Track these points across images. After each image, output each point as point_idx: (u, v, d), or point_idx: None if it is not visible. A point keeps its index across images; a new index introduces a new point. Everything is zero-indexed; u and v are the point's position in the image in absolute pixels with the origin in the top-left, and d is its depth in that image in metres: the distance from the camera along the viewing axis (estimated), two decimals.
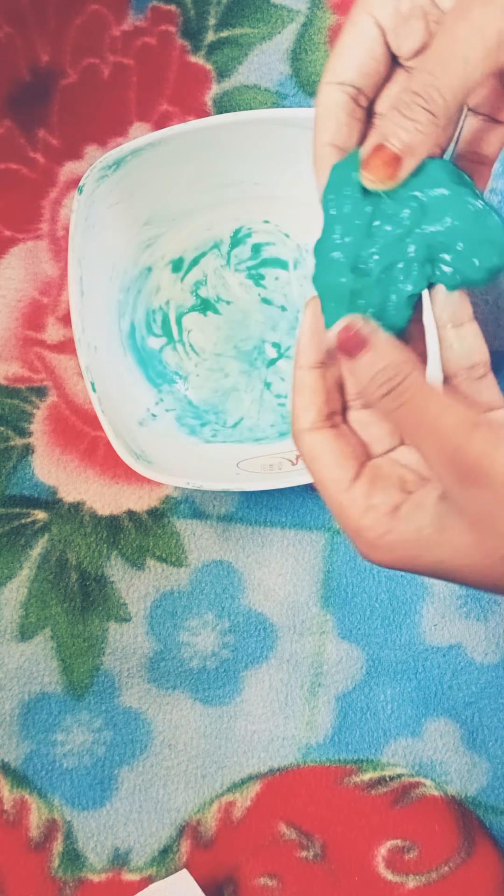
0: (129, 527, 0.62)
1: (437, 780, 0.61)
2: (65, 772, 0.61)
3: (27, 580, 0.61)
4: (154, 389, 0.62)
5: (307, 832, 0.60)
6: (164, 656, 0.61)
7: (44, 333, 0.63)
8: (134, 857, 0.60)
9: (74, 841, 0.60)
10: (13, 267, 0.63)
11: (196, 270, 0.63)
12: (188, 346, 0.63)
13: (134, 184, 0.58)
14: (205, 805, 0.60)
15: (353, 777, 0.60)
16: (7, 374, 0.63)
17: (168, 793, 0.61)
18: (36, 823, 0.60)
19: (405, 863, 0.59)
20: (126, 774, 0.61)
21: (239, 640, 0.61)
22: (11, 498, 0.62)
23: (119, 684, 0.61)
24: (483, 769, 0.61)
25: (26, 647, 0.61)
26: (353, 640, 0.62)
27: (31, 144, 0.64)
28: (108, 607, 0.61)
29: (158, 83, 0.64)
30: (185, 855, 0.60)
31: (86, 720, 0.61)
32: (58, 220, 0.64)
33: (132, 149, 0.56)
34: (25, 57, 0.64)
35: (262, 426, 0.62)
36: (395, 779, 0.60)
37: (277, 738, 0.61)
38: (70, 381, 0.63)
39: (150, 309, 0.63)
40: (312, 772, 0.61)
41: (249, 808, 0.60)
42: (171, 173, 0.59)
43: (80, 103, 0.64)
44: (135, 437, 0.57)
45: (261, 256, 0.63)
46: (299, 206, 0.61)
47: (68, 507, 0.62)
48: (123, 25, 0.65)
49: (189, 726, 0.61)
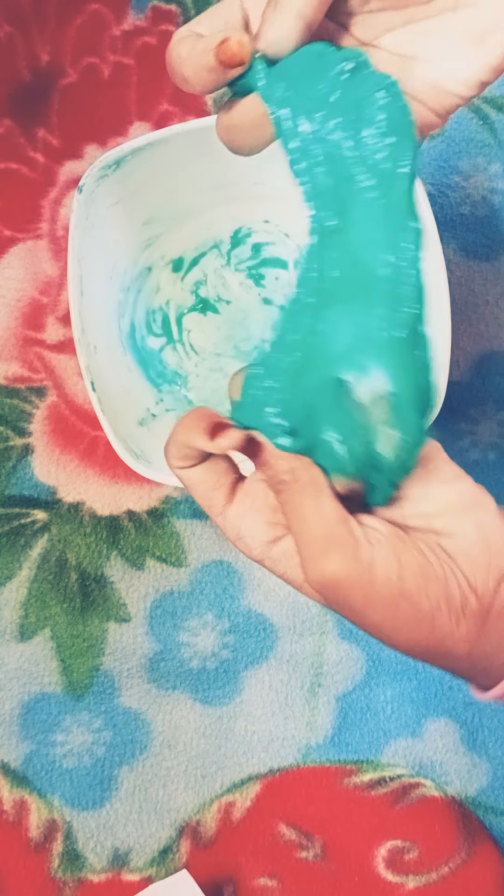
0: (128, 527, 0.62)
1: (437, 780, 0.61)
2: (64, 772, 0.61)
3: (27, 580, 0.61)
4: (154, 389, 0.62)
5: (307, 832, 0.60)
6: (164, 656, 0.61)
7: (43, 333, 0.63)
8: (134, 858, 0.60)
9: (74, 841, 0.60)
10: (13, 267, 0.63)
11: (196, 270, 0.63)
12: (188, 346, 0.63)
13: (134, 183, 0.58)
14: (204, 805, 0.60)
15: (353, 777, 0.60)
16: (7, 374, 0.63)
17: (168, 793, 0.61)
18: (36, 824, 0.60)
19: (405, 863, 0.59)
20: (126, 775, 0.61)
21: (239, 641, 0.61)
22: (11, 498, 0.62)
23: (119, 684, 0.61)
24: (483, 769, 0.61)
25: (26, 648, 0.61)
26: (353, 640, 0.62)
27: (31, 144, 0.64)
28: (107, 607, 0.61)
29: (158, 83, 0.64)
30: (184, 855, 0.60)
31: (85, 720, 0.61)
32: (58, 220, 0.64)
33: (132, 148, 0.56)
34: (25, 57, 0.64)
35: None
36: (395, 779, 0.60)
37: (277, 738, 0.61)
38: (70, 381, 0.63)
39: (150, 309, 0.63)
40: (312, 772, 0.61)
41: (249, 809, 0.60)
42: (171, 173, 0.59)
43: (80, 103, 0.64)
44: (135, 437, 0.57)
45: (261, 256, 0.63)
46: (299, 205, 0.61)
47: (68, 507, 0.62)
48: (123, 25, 0.65)
49: (189, 726, 0.61)
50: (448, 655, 0.39)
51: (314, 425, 0.40)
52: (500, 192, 0.64)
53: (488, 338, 0.64)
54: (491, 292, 0.64)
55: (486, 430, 0.63)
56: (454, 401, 0.62)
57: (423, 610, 0.38)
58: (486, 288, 0.64)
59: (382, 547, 0.38)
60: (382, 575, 0.38)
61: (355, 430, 0.39)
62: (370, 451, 0.39)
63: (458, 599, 0.39)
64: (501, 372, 0.64)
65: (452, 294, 0.57)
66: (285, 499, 0.40)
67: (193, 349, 0.63)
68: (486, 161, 0.64)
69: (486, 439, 0.63)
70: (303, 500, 0.39)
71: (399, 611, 0.38)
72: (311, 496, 0.39)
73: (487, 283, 0.64)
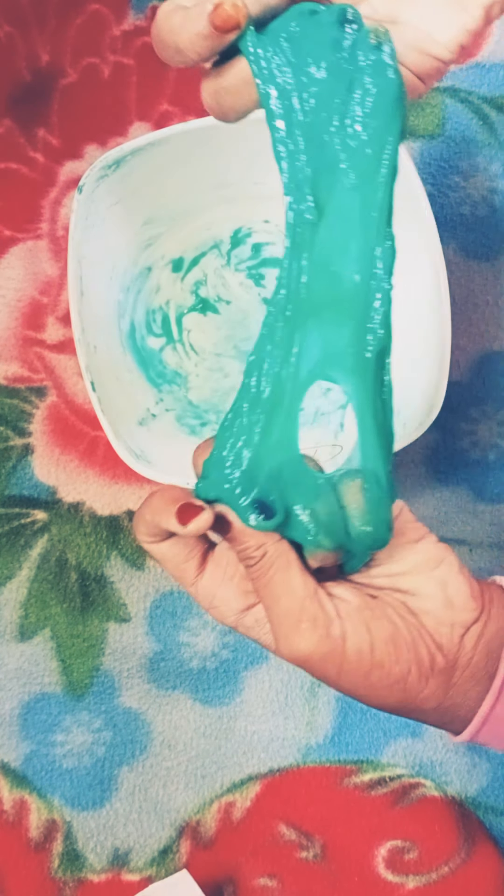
0: (128, 527, 0.62)
1: (437, 780, 0.61)
2: (64, 772, 0.61)
3: (27, 580, 0.61)
4: (154, 389, 0.62)
5: (307, 832, 0.60)
6: (164, 656, 0.61)
7: (43, 333, 0.63)
8: (134, 858, 0.60)
9: (74, 841, 0.60)
10: (13, 267, 0.63)
11: (196, 270, 0.63)
12: (188, 346, 0.63)
13: (134, 183, 0.58)
14: (205, 805, 0.60)
15: (353, 777, 0.60)
16: (7, 374, 0.63)
17: (168, 793, 0.61)
18: (36, 824, 0.60)
19: (405, 863, 0.59)
20: (126, 775, 0.61)
21: (239, 640, 0.61)
22: (11, 498, 0.62)
23: (119, 684, 0.61)
24: (483, 769, 0.61)
25: (26, 648, 0.61)
26: None
27: (31, 144, 0.64)
28: (107, 607, 0.61)
29: (158, 83, 0.64)
30: (184, 855, 0.60)
31: (85, 720, 0.61)
32: (58, 220, 0.64)
33: (132, 148, 0.56)
34: (25, 57, 0.64)
35: None
36: (395, 779, 0.60)
37: (277, 738, 0.61)
38: (70, 381, 0.63)
39: (150, 309, 0.63)
40: (312, 772, 0.61)
41: (249, 809, 0.60)
42: (171, 173, 0.59)
43: (80, 103, 0.64)
44: (135, 437, 0.57)
45: (261, 256, 0.63)
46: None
47: (68, 507, 0.62)
48: (123, 25, 0.65)
49: (189, 726, 0.61)
50: (418, 710, 0.41)
51: (285, 499, 0.40)
52: (500, 192, 0.64)
53: (488, 338, 0.64)
54: (491, 292, 0.64)
55: (486, 430, 0.63)
56: (454, 401, 0.62)
57: (394, 675, 0.40)
58: (486, 288, 0.64)
59: (352, 619, 0.39)
60: (354, 647, 0.39)
61: (328, 505, 0.40)
62: (344, 525, 0.40)
63: (427, 660, 0.40)
64: (501, 372, 0.64)
65: (452, 294, 0.57)
66: (255, 575, 0.41)
67: (193, 349, 0.63)
68: (486, 161, 0.64)
69: (486, 439, 0.63)
70: (272, 577, 0.40)
71: (371, 678, 0.39)
72: (281, 572, 0.40)
73: (487, 283, 0.64)
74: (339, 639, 0.39)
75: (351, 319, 0.39)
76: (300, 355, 0.40)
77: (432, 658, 0.40)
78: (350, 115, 0.38)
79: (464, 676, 0.41)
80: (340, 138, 0.38)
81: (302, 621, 0.39)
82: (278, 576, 0.40)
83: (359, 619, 0.39)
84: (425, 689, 0.40)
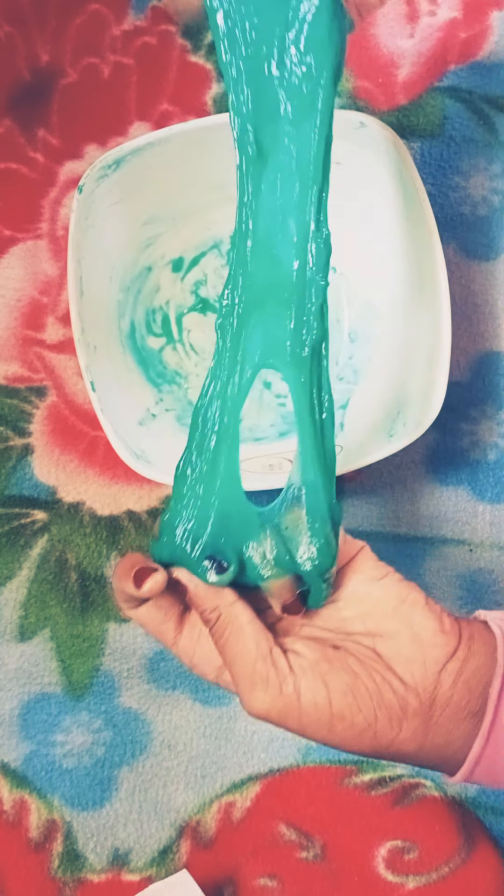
0: (128, 527, 0.62)
1: (438, 780, 0.61)
2: (64, 772, 0.61)
3: (27, 580, 0.61)
4: (154, 389, 0.62)
5: (307, 833, 0.60)
6: (164, 656, 0.61)
7: (43, 333, 0.63)
8: (134, 858, 0.60)
9: (74, 841, 0.60)
10: (13, 267, 0.63)
11: (196, 270, 0.63)
12: (188, 345, 0.63)
13: (134, 183, 0.58)
14: (204, 805, 0.60)
15: (353, 778, 0.60)
16: (6, 373, 0.63)
17: (168, 793, 0.61)
18: (36, 824, 0.60)
19: (405, 863, 0.59)
20: (126, 775, 0.61)
21: None
22: (11, 498, 0.62)
23: (119, 685, 0.61)
24: None
25: (26, 648, 0.61)
26: None
27: (31, 144, 0.64)
28: (107, 607, 0.61)
29: (158, 83, 0.64)
30: (184, 855, 0.60)
31: (85, 721, 0.61)
32: (57, 220, 0.64)
33: (132, 148, 0.56)
34: (25, 57, 0.64)
35: (262, 426, 0.62)
36: (396, 779, 0.60)
37: (277, 738, 0.61)
38: (70, 381, 0.63)
39: (150, 309, 0.63)
40: (312, 772, 0.61)
41: (249, 809, 0.60)
42: (171, 173, 0.59)
43: (80, 103, 0.64)
44: (135, 437, 0.57)
45: None
46: None
47: (68, 507, 0.62)
48: (123, 25, 0.65)
49: (189, 727, 0.61)
50: (399, 754, 0.42)
51: (235, 540, 0.42)
52: (500, 192, 0.64)
53: (488, 338, 0.64)
54: (491, 292, 0.64)
55: (486, 430, 0.63)
56: (454, 401, 0.62)
57: (359, 725, 0.40)
58: (486, 288, 0.64)
59: (307, 674, 0.41)
60: (309, 702, 0.40)
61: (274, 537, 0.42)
62: (292, 557, 0.42)
63: (397, 705, 0.41)
64: (501, 372, 0.64)
65: (452, 294, 0.57)
66: (215, 637, 0.43)
67: (193, 349, 0.63)
68: (486, 161, 0.64)
69: (486, 439, 0.63)
70: (227, 639, 0.42)
71: (335, 730, 0.41)
72: (234, 635, 0.42)
73: (487, 283, 0.64)
74: (292, 695, 0.40)
75: (289, 310, 0.40)
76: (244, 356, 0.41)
77: (403, 701, 0.41)
78: (288, 49, 0.38)
79: (444, 715, 0.41)
80: (280, 73, 0.38)
81: (255, 683, 0.41)
82: (233, 638, 0.42)
83: (314, 673, 0.41)
84: (400, 733, 0.41)
